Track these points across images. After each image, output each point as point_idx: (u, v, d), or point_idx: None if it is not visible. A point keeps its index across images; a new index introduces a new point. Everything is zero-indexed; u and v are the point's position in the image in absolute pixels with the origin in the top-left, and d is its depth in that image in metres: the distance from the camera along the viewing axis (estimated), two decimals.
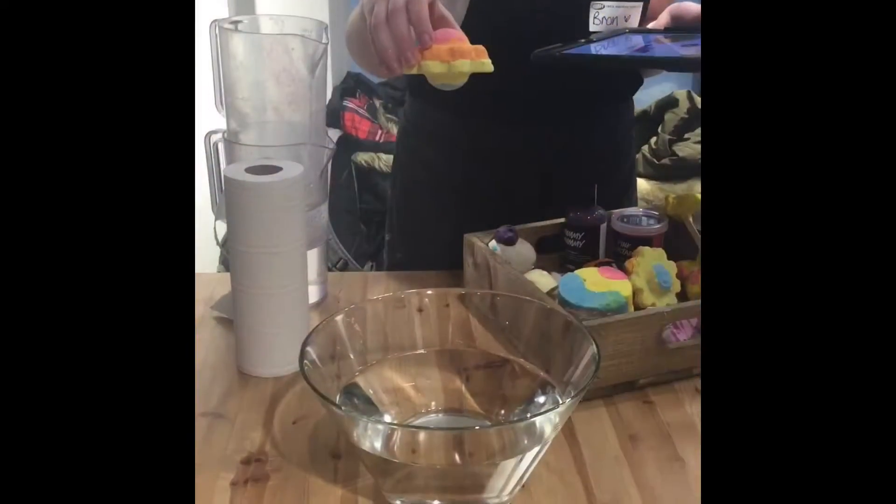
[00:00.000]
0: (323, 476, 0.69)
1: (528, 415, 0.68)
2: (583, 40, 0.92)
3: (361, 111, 2.74)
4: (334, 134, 2.61)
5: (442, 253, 1.05)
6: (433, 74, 0.77)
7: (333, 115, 2.65)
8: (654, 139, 2.70)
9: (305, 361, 0.64)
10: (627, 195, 1.19)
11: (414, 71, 0.77)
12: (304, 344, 0.66)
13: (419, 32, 0.72)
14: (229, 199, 0.79)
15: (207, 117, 0.99)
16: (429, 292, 0.76)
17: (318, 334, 0.69)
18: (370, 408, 0.71)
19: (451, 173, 1.12)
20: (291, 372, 0.82)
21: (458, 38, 0.74)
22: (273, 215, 0.78)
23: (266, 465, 0.70)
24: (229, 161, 0.91)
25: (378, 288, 1.02)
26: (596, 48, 0.90)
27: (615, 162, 1.16)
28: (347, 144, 2.64)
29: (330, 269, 1.02)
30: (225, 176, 0.79)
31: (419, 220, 1.16)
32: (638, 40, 0.93)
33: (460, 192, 1.11)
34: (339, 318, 0.71)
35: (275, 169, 0.80)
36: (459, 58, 0.72)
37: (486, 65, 0.75)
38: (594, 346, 0.65)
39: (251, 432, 0.74)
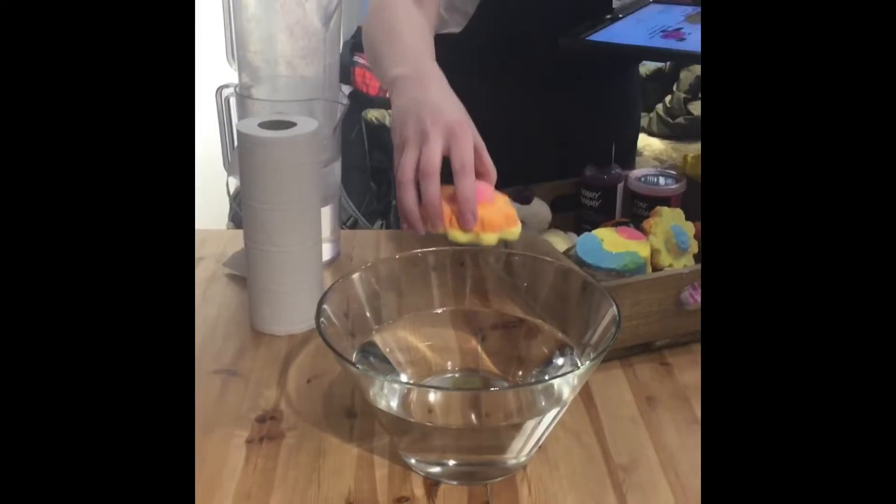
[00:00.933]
0: (339, 435, 0.68)
1: (547, 377, 0.68)
2: (608, 17, 0.88)
3: None
4: (345, 90, 2.58)
5: None
6: (458, 241, 0.69)
7: (343, 71, 2.61)
8: (668, 98, 2.66)
9: (322, 319, 0.64)
10: (632, 154, 1.18)
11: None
12: (321, 302, 0.65)
13: (462, 212, 0.60)
14: (242, 154, 0.78)
15: (219, 71, 0.97)
16: (445, 251, 0.75)
17: (335, 292, 0.68)
18: (386, 367, 0.70)
19: None
20: (305, 330, 0.82)
21: (487, 198, 0.64)
22: (287, 171, 0.77)
23: (281, 423, 0.70)
24: (241, 116, 0.90)
25: (391, 246, 1.01)
26: (622, 28, 0.87)
27: (624, 120, 1.15)
28: (358, 101, 2.61)
29: (341, 228, 1.01)
30: (238, 131, 0.78)
31: None
32: (665, 18, 0.89)
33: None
34: (355, 276, 0.70)
35: (288, 124, 0.79)
36: (489, 230, 0.63)
37: (514, 233, 0.66)
38: (614, 307, 0.64)
39: (266, 390, 0.74)
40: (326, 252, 0.94)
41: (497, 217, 0.61)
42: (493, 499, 0.62)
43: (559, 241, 0.90)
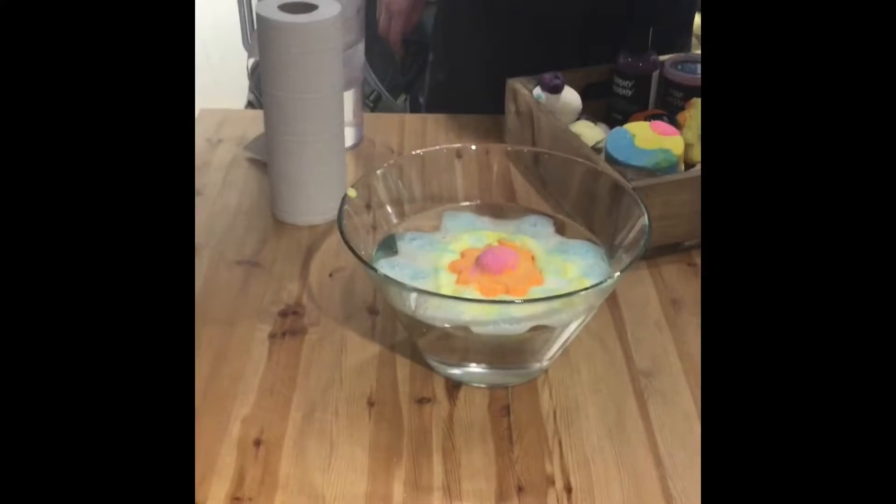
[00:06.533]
0: (360, 332, 0.68)
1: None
2: None
3: None
4: None
5: (486, 77, 1.00)
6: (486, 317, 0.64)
7: None
8: None
9: (344, 222, 0.62)
10: (682, 37, 1.11)
11: None
12: (342, 204, 0.64)
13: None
14: (262, 39, 0.75)
15: None
16: (472, 147, 0.73)
17: (358, 190, 0.66)
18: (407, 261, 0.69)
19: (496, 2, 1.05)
20: (327, 220, 0.81)
21: (511, 265, 0.63)
22: (309, 58, 0.74)
23: (303, 318, 0.70)
24: None
25: (415, 130, 0.98)
26: None
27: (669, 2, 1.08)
28: None
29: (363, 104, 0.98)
30: (258, 14, 0.74)
31: (463, 38, 1.11)
32: None
33: (505, 14, 1.05)
34: (378, 172, 0.69)
35: (310, 7, 0.75)
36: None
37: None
38: (645, 216, 0.62)
39: (288, 283, 0.74)
40: (349, 137, 0.91)
41: (521, 283, 0.63)
42: (514, 402, 0.62)
43: (590, 133, 0.87)
